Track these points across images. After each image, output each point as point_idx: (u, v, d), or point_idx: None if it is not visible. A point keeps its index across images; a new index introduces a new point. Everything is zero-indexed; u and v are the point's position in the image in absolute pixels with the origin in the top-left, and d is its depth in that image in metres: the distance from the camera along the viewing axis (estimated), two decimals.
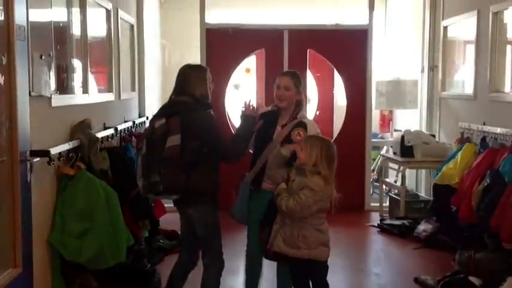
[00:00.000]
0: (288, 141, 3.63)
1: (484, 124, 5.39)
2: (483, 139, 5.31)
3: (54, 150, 3.41)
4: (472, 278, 4.33)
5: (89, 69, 4.58)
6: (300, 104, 3.75)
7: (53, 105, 3.61)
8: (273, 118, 3.75)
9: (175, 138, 3.37)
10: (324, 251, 3.38)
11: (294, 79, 3.72)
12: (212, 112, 3.67)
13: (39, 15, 3.50)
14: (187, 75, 3.60)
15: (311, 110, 8.27)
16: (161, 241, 5.17)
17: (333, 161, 3.36)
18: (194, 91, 3.54)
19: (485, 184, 4.66)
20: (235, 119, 7.53)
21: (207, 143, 3.47)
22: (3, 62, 2.87)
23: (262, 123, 3.75)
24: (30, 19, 3.21)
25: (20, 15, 3.03)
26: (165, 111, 3.55)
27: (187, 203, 3.54)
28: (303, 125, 3.66)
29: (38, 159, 3.24)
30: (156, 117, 3.55)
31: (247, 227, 3.82)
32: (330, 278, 4.60)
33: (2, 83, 2.86)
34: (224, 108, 7.09)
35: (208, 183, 3.52)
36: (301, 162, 3.33)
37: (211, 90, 3.66)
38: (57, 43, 3.76)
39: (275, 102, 3.77)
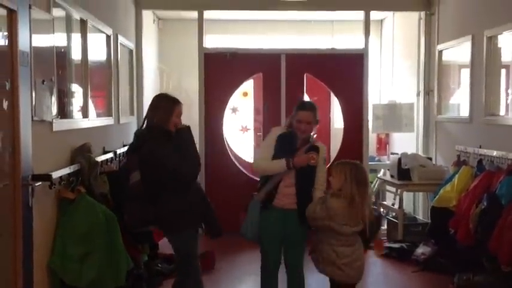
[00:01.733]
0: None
1: (480, 147, 5.43)
2: (479, 162, 5.35)
3: (55, 174, 3.45)
4: None
5: (89, 93, 4.63)
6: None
7: (54, 129, 3.65)
8: (291, 141, 3.90)
9: (135, 174, 3.61)
10: (335, 272, 3.55)
11: (314, 112, 3.93)
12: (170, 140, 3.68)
13: (41, 40, 3.55)
14: (156, 103, 3.75)
15: None
16: (159, 265, 5.15)
17: (362, 183, 3.57)
18: (152, 119, 3.69)
19: (483, 207, 4.67)
20: (232, 143, 7.59)
21: (165, 170, 3.56)
22: (7, 88, 2.91)
23: (280, 144, 3.90)
24: (33, 44, 3.26)
25: (23, 41, 3.08)
26: (129, 147, 3.84)
27: (163, 230, 3.79)
28: (315, 148, 3.87)
29: (40, 183, 3.26)
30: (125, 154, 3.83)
31: (261, 243, 3.94)
32: None
33: (6, 108, 2.89)
34: (222, 131, 7.12)
35: (178, 208, 3.62)
36: (331, 187, 3.58)
37: (175, 124, 3.68)
38: (58, 68, 3.81)
39: (290, 125, 3.95)
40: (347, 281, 3.54)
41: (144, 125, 3.77)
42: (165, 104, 3.71)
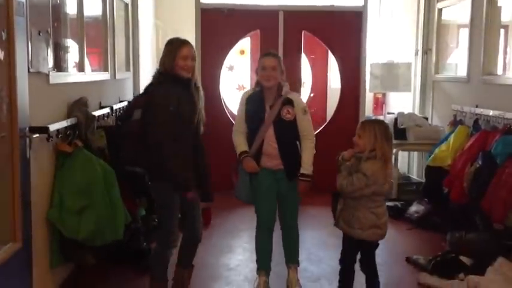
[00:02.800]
0: (278, 121, 3.76)
1: (477, 107, 5.44)
2: (476, 121, 5.37)
3: (52, 127, 3.43)
4: (463, 258, 4.41)
5: (85, 48, 4.58)
6: (282, 83, 3.85)
7: (50, 82, 3.62)
8: (259, 99, 3.84)
9: (136, 113, 3.47)
10: (376, 233, 3.51)
11: (278, 59, 3.83)
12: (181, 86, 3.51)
13: None
14: (164, 48, 3.61)
15: (305, 92, 8.29)
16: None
17: (390, 140, 3.50)
18: (161, 65, 3.56)
19: (477, 166, 4.71)
20: (229, 102, 7.56)
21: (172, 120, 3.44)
22: (3, 38, 2.87)
23: (249, 106, 3.85)
24: None
25: None
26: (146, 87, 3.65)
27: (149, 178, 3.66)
28: (290, 102, 3.78)
29: (37, 135, 3.25)
30: None
31: (255, 205, 3.94)
32: (324, 256, 4.74)
33: (2, 58, 2.86)
34: (219, 90, 7.09)
35: (160, 163, 3.44)
36: (361, 149, 3.43)
37: (181, 68, 3.49)
38: (54, 21, 3.76)
39: (257, 84, 3.87)
40: (382, 238, 3.58)
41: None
42: (170, 47, 3.54)
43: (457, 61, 6.61)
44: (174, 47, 3.53)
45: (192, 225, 3.72)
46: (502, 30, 5.64)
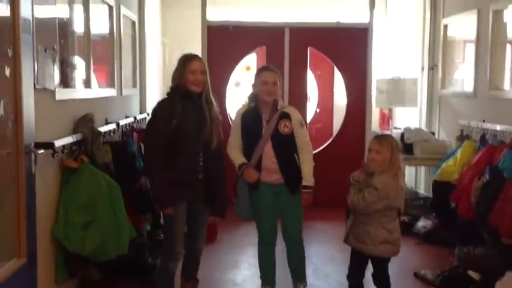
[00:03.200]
0: (276, 135, 3.76)
1: (484, 121, 5.42)
2: (483, 136, 5.34)
3: (58, 143, 3.45)
4: (471, 273, 4.36)
5: (91, 64, 4.62)
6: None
7: (56, 98, 3.65)
8: (255, 115, 3.83)
9: None
10: (389, 249, 3.51)
11: (277, 74, 3.84)
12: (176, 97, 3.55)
13: (43, 10, 3.52)
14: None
15: (311, 108, 8.30)
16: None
17: (399, 153, 3.56)
18: (172, 79, 3.62)
19: (485, 180, 4.68)
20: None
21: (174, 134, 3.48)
22: (9, 55, 2.90)
23: (246, 122, 3.84)
24: (35, 15, 3.23)
25: (25, 9, 3.06)
26: None
27: None
28: (286, 115, 3.79)
29: (43, 151, 3.27)
30: None
31: (256, 220, 3.92)
32: (332, 271, 4.70)
33: (8, 75, 2.89)
34: (225, 106, 7.11)
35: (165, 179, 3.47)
36: (378, 165, 3.44)
37: (191, 82, 3.54)
38: (60, 38, 3.80)
39: (251, 98, 3.86)
40: (396, 253, 3.57)
41: None
42: (179, 62, 3.60)
43: (463, 76, 6.60)
44: (183, 61, 3.58)
45: (194, 238, 3.72)
46: (508, 46, 5.63)
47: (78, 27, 4.42)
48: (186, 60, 3.58)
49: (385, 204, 3.41)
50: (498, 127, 5.08)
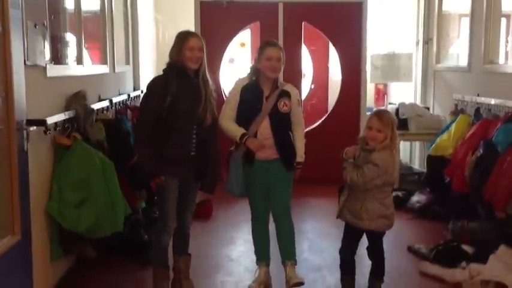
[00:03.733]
0: (274, 112, 3.73)
1: (478, 95, 5.42)
2: (477, 110, 5.35)
3: (50, 120, 3.42)
4: (464, 247, 4.39)
5: (83, 41, 4.57)
6: None
7: (48, 75, 3.61)
8: (256, 90, 3.78)
9: None
10: (384, 223, 3.55)
11: (282, 50, 3.79)
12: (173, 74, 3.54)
13: None
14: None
15: (306, 84, 8.26)
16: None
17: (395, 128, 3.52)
18: (169, 56, 3.59)
19: (479, 154, 4.70)
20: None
21: (169, 110, 3.47)
22: None
23: (245, 96, 3.78)
24: None
25: None
26: None
27: None
28: (286, 93, 3.77)
29: (35, 128, 3.25)
30: None
31: (249, 197, 3.91)
32: (327, 247, 4.73)
33: None
34: (219, 82, 7.07)
35: (160, 154, 3.47)
36: (380, 142, 3.42)
37: (188, 58, 3.51)
38: (51, 13, 3.74)
39: (253, 72, 3.79)
40: (390, 227, 3.62)
41: None
42: (177, 38, 3.58)
43: (458, 51, 6.58)
44: (181, 38, 3.57)
45: (183, 213, 3.73)
46: (503, 19, 5.60)
47: (69, 3, 4.37)
48: (184, 36, 3.57)
49: (384, 180, 3.44)
50: (492, 101, 5.08)
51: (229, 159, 3.85)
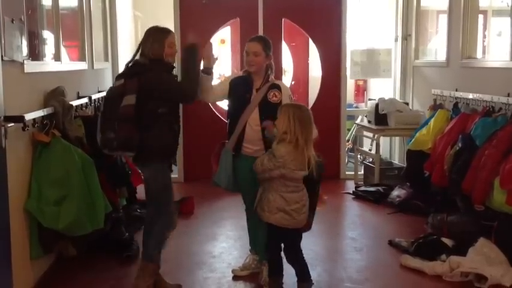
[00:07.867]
0: (264, 103, 3.76)
1: (456, 90, 5.47)
2: (455, 105, 5.40)
3: (28, 117, 3.38)
4: (444, 240, 4.44)
5: (61, 37, 4.52)
6: (270, 67, 3.88)
7: (25, 71, 3.56)
8: (246, 82, 3.84)
9: (130, 98, 3.46)
10: (285, 218, 3.43)
11: (262, 44, 3.82)
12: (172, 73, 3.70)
13: None
14: (147, 36, 3.65)
15: (287, 80, 8.27)
16: (138, 210, 5.15)
17: (307, 125, 3.40)
18: (149, 52, 3.59)
19: (457, 148, 4.74)
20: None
21: (166, 103, 3.55)
22: None
23: (235, 87, 3.84)
24: None
25: None
26: (125, 71, 3.64)
27: (140, 162, 3.67)
28: (277, 86, 3.83)
29: (12, 124, 3.20)
30: (117, 77, 3.68)
31: (240, 188, 3.92)
32: (308, 242, 4.72)
33: None
34: None
35: (161, 145, 3.57)
36: (278, 131, 3.38)
37: (169, 55, 3.63)
38: (28, 8, 3.70)
39: (245, 68, 3.88)
40: (295, 225, 3.48)
41: (138, 56, 3.66)
42: (155, 34, 3.61)
43: (437, 46, 6.64)
44: (160, 35, 3.63)
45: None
46: (480, 16, 5.66)
47: (46, 1, 4.31)
48: (164, 33, 3.65)
49: (282, 173, 3.36)
50: (470, 95, 5.14)
51: (219, 152, 3.87)
